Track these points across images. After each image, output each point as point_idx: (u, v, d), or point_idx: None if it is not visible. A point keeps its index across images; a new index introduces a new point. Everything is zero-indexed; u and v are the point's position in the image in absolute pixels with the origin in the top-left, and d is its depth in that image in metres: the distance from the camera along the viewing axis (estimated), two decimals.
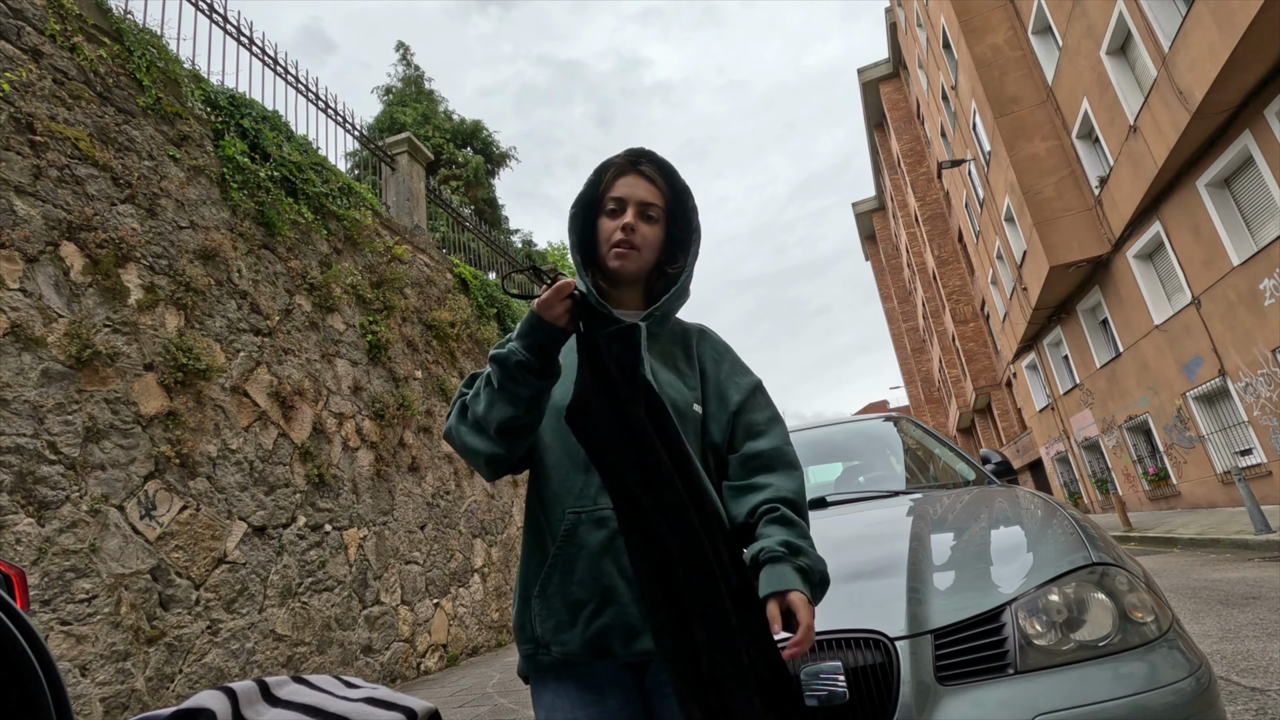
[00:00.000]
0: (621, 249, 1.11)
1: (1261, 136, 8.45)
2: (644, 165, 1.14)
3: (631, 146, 1.19)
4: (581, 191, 1.16)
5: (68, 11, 4.15)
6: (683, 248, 1.19)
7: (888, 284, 42.15)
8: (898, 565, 1.51)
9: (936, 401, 38.22)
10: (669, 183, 1.16)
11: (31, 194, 3.69)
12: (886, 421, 3.11)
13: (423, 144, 11.07)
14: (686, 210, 1.17)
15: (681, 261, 1.18)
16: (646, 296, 1.20)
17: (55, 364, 3.61)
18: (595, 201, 1.16)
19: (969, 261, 23.89)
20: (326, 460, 5.48)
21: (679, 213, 1.18)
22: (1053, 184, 13.38)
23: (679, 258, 1.19)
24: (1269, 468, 9.80)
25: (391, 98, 17.60)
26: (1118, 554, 1.50)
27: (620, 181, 1.14)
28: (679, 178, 1.17)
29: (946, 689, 1.25)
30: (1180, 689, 1.20)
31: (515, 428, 1.04)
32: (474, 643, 7.10)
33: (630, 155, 1.15)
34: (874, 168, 36.92)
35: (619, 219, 1.12)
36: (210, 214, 4.87)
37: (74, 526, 3.53)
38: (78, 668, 3.42)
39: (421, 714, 0.83)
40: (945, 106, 19.48)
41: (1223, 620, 3.98)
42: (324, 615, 5.13)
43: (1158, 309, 12.01)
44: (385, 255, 6.90)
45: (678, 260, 1.19)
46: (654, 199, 1.13)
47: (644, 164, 1.15)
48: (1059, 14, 12.30)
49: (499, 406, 1.03)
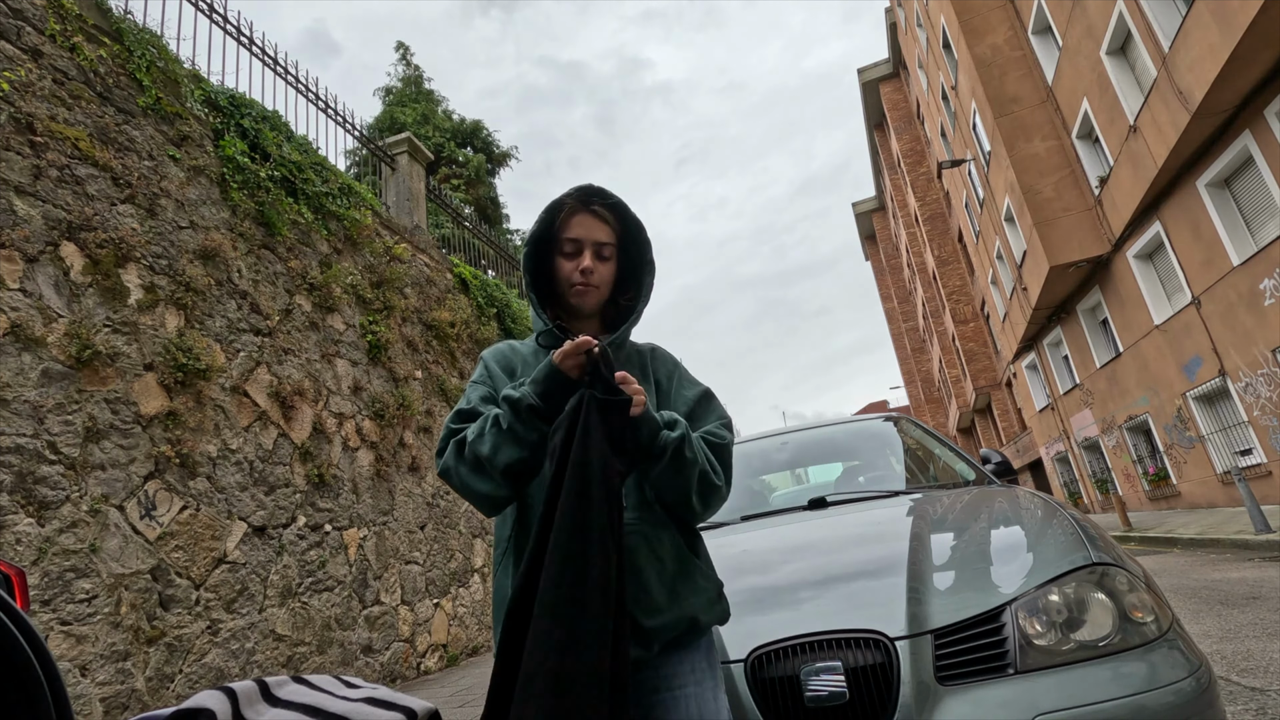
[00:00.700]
0: (581, 288, 1.19)
1: (1261, 136, 8.45)
2: (595, 205, 1.19)
3: (582, 184, 1.21)
4: (535, 230, 1.22)
5: (68, 11, 4.15)
6: (634, 278, 1.27)
7: (888, 284, 42.15)
8: (898, 565, 1.51)
9: (936, 401, 38.22)
10: (620, 219, 1.22)
11: (31, 194, 3.69)
12: (886, 421, 3.11)
13: (423, 144, 11.07)
14: (639, 244, 1.25)
15: (633, 293, 1.27)
16: (602, 325, 1.28)
17: (55, 364, 3.61)
18: (548, 239, 1.22)
19: (969, 261, 23.89)
20: (326, 460, 5.48)
21: (630, 247, 1.26)
22: (1053, 184, 13.38)
23: (629, 288, 1.28)
24: (1269, 468, 9.80)
25: (391, 98, 17.60)
26: (1118, 554, 1.50)
27: (574, 221, 1.19)
28: (629, 213, 1.22)
29: (946, 689, 1.25)
30: (1180, 689, 1.20)
31: (522, 470, 1.07)
32: (474, 643, 7.10)
33: (581, 195, 1.20)
34: (874, 168, 36.91)
35: (576, 261, 1.19)
36: (210, 214, 4.87)
37: (74, 526, 3.53)
38: (78, 668, 3.42)
39: (421, 714, 0.83)
40: (945, 106, 19.48)
41: (1223, 620, 3.98)
42: (324, 615, 5.13)
43: (1158, 309, 12.01)
44: (385, 255, 6.90)
45: (628, 291, 1.28)
46: (607, 238, 1.20)
47: (595, 203, 1.19)
48: (1059, 14, 12.30)
49: (506, 449, 1.05)
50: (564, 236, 1.19)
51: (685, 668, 1.09)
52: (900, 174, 30.18)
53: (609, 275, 1.23)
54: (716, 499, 1.15)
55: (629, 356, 1.28)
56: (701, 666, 1.10)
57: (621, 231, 1.23)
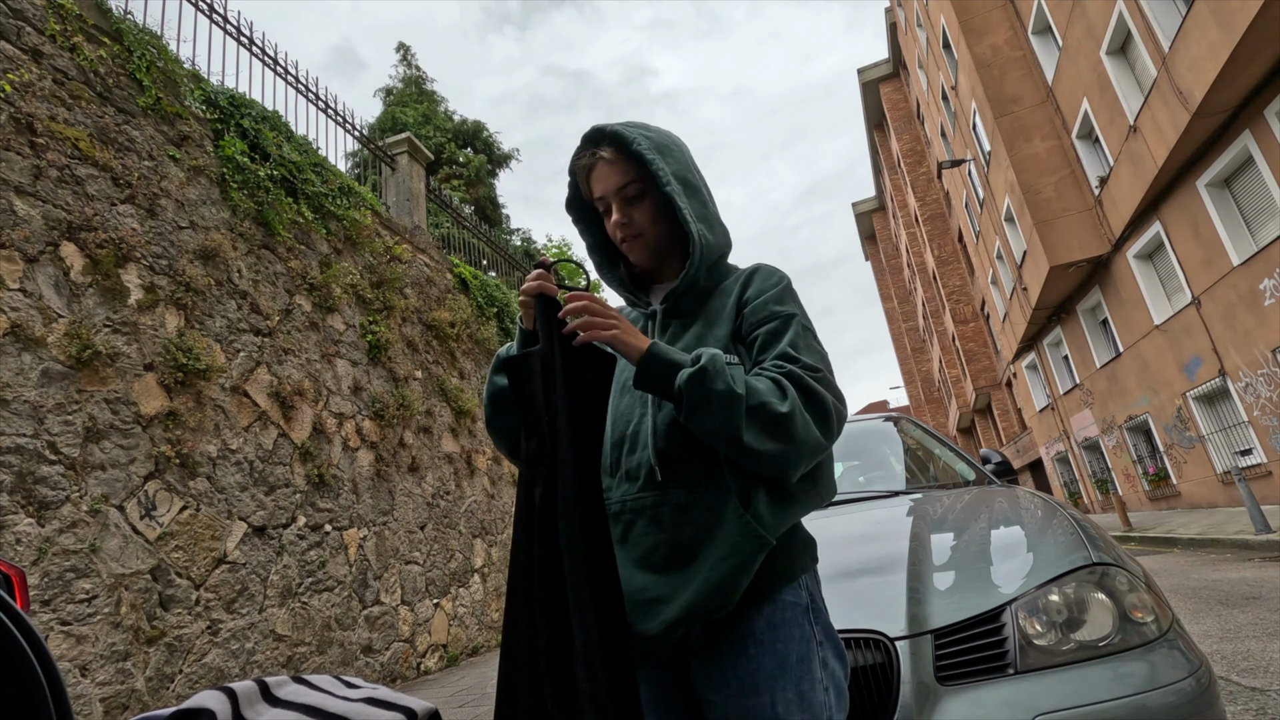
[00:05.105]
0: (628, 242, 1.11)
1: (1261, 136, 8.45)
2: (602, 151, 1.09)
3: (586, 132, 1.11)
4: (568, 195, 1.17)
5: (68, 11, 4.15)
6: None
7: (888, 284, 42.15)
8: (898, 565, 1.51)
9: (936, 401, 38.21)
10: (631, 153, 1.07)
11: (31, 194, 3.69)
12: (886, 421, 3.10)
13: (423, 144, 11.07)
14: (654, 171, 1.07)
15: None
16: (683, 260, 1.14)
17: (55, 364, 3.61)
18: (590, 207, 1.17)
19: (969, 261, 23.88)
20: (326, 460, 5.48)
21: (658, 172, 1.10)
22: (1053, 184, 13.38)
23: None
24: (1269, 468, 9.80)
25: (392, 98, 17.61)
26: (1118, 554, 1.50)
27: (593, 178, 1.10)
28: (634, 144, 1.06)
29: (946, 689, 1.25)
30: (1180, 689, 1.20)
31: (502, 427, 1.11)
32: (474, 643, 7.09)
33: (588, 147, 1.10)
34: (874, 168, 36.91)
35: (610, 217, 1.11)
36: (210, 214, 4.87)
37: (74, 526, 3.53)
38: (78, 668, 3.42)
39: (421, 714, 0.83)
40: (945, 106, 19.48)
41: (1223, 620, 3.97)
42: (324, 615, 5.13)
43: (1158, 309, 12.01)
44: (385, 255, 6.90)
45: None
46: (626, 178, 1.07)
47: (602, 149, 1.09)
48: (1059, 14, 12.30)
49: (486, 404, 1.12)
50: (594, 197, 1.11)
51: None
52: (900, 174, 30.18)
53: (649, 212, 1.09)
54: (786, 431, 0.89)
55: (723, 290, 1.10)
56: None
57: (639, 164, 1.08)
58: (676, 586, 0.93)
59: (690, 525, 0.95)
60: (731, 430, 0.88)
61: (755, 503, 0.93)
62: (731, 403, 0.88)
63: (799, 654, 0.93)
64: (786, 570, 0.98)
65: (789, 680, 0.91)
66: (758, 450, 0.89)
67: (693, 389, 0.89)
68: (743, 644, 0.94)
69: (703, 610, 0.91)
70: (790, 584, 0.98)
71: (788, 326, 1.01)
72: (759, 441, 0.89)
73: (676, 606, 0.92)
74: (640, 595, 0.95)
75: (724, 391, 0.88)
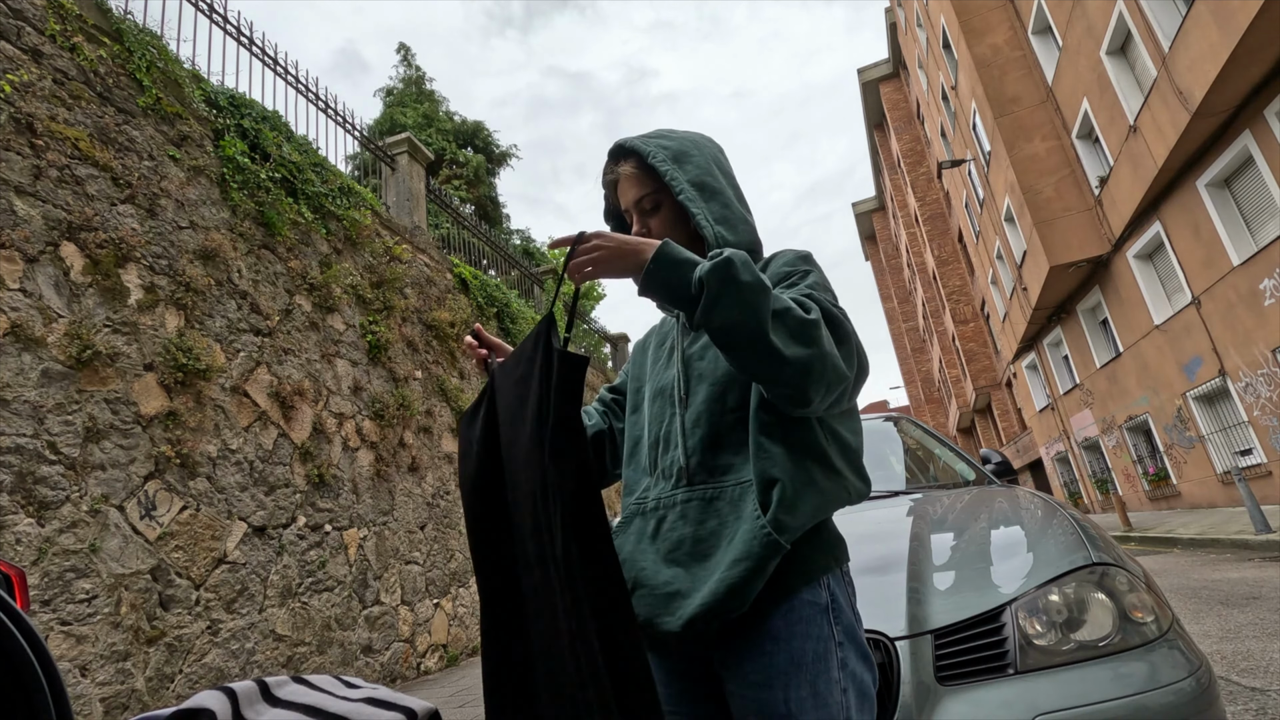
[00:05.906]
0: None
1: (1261, 136, 8.45)
2: (622, 166, 1.16)
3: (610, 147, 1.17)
4: (604, 208, 1.25)
5: (68, 12, 4.15)
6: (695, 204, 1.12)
7: (888, 284, 42.15)
8: (898, 565, 1.51)
9: (936, 401, 38.21)
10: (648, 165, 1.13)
11: (31, 194, 3.69)
12: (886, 421, 3.10)
13: (423, 144, 11.07)
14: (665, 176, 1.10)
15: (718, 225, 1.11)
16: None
17: (55, 364, 3.61)
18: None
19: (969, 261, 23.88)
20: (326, 460, 5.48)
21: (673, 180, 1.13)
22: (1053, 184, 13.38)
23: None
24: (1269, 468, 9.80)
25: (392, 99, 17.61)
26: (1118, 554, 1.50)
27: (619, 193, 1.18)
28: (650, 157, 1.11)
29: (946, 689, 1.25)
30: (1180, 689, 1.20)
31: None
32: (474, 643, 7.09)
33: (612, 162, 1.18)
34: (874, 168, 36.91)
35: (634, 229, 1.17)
36: (210, 214, 4.87)
37: (74, 526, 3.53)
38: (78, 668, 3.42)
39: (421, 714, 0.83)
40: (945, 106, 19.48)
41: (1223, 620, 3.98)
42: (324, 615, 5.13)
43: (1158, 309, 12.01)
44: (385, 255, 6.90)
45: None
46: (642, 191, 1.13)
47: (622, 164, 1.16)
48: (1059, 14, 12.30)
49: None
50: (622, 210, 1.18)
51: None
52: (900, 174, 30.18)
53: (666, 224, 1.13)
54: (812, 336, 0.86)
55: None
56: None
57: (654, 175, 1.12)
58: (696, 582, 0.95)
59: (713, 518, 0.97)
60: (756, 323, 0.84)
61: (773, 505, 0.92)
62: (759, 293, 0.84)
63: (815, 652, 0.93)
64: (806, 569, 0.98)
65: (803, 677, 0.91)
66: (783, 353, 0.84)
67: (715, 278, 0.84)
68: (759, 640, 0.94)
69: (719, 610, 0.92)
70: (810, 584, 0.97)
71: (805, 277, 1.03)
72: (784, 343, 0.84)
73: (695, 604, 0.93)
74: (664, 589, 0.97)
75: (751, 282, 0.84)
